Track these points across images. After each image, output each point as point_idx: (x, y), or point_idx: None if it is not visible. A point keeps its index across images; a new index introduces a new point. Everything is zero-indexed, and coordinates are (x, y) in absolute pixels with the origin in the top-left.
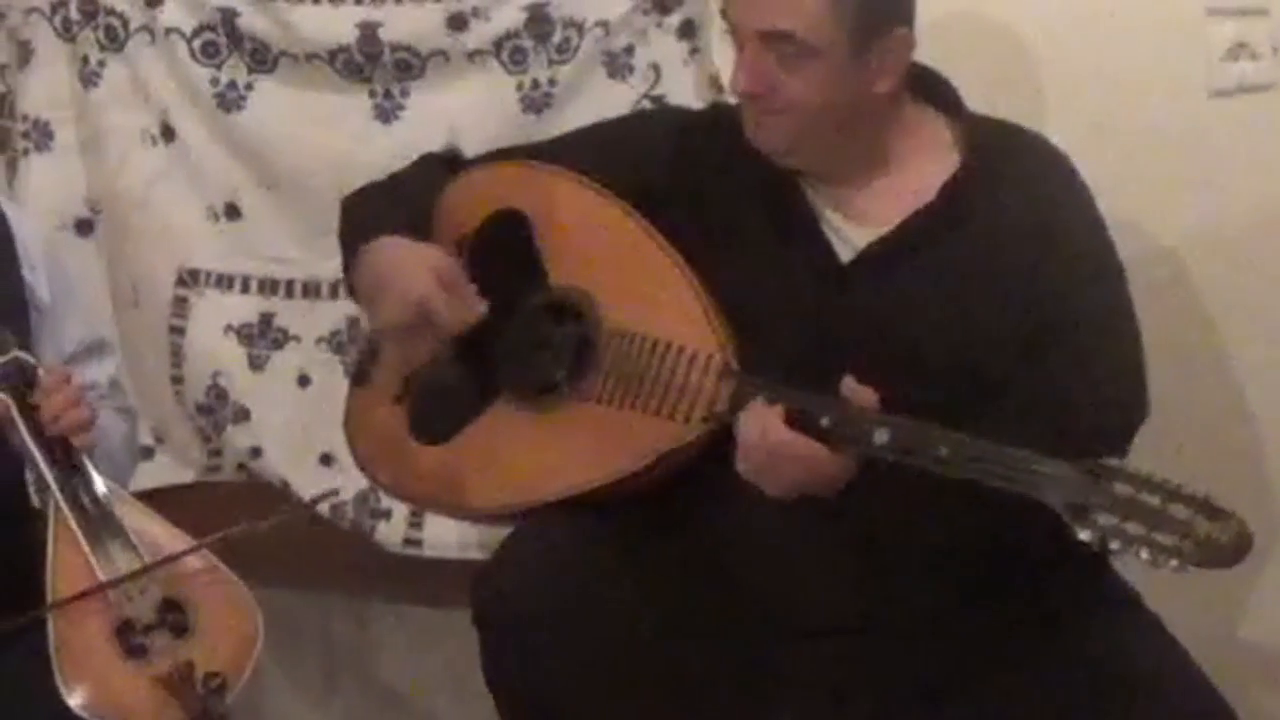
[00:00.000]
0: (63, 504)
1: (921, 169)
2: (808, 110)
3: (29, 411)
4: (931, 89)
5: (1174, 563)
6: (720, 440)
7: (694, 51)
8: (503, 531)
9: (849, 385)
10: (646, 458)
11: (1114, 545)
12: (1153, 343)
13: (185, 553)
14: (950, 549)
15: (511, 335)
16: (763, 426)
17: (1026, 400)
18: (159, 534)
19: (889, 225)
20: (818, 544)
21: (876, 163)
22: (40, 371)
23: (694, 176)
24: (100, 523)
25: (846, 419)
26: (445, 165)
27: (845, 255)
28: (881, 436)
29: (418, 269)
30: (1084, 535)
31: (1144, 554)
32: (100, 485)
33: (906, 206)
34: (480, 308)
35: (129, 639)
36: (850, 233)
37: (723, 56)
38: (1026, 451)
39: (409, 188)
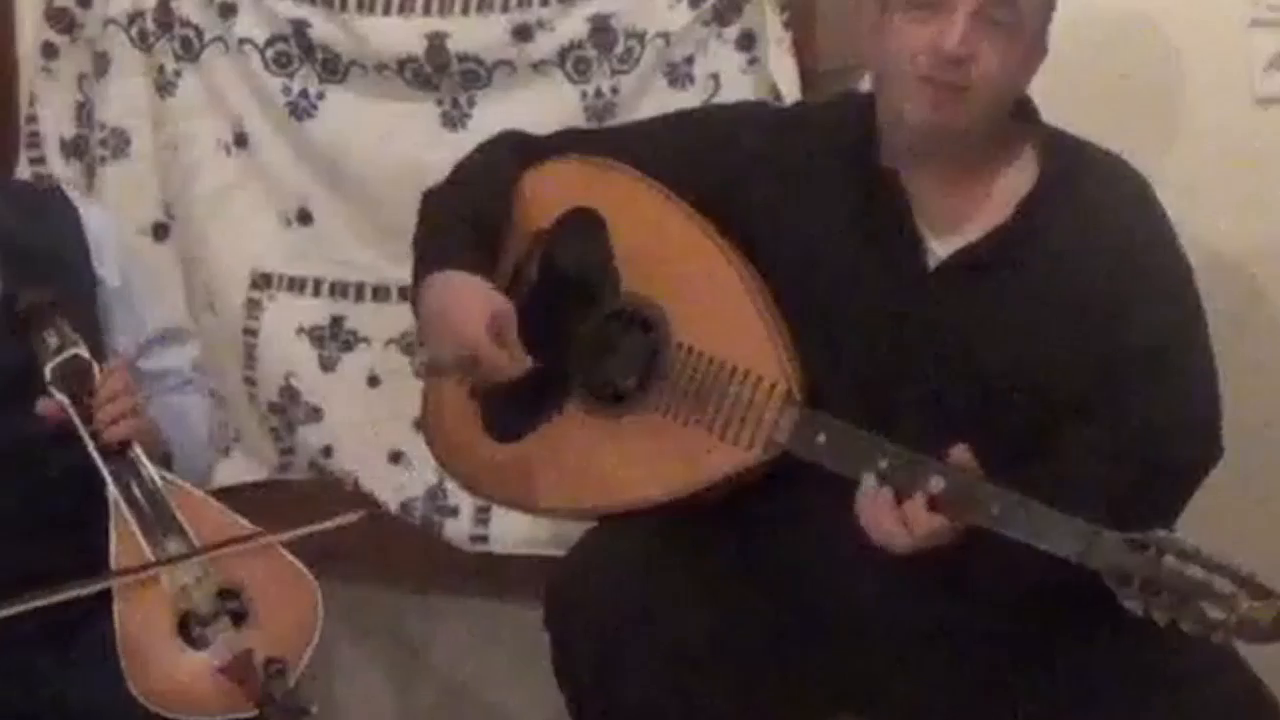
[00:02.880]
0: (119, 498)
1: (1000, 183)
2: (993, 87)
3: (85, 409)
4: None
5: (1216, 635)
6: (785, 459)
7: (752, 62)
8: (569, 527)
9: (959, 453)
10: (707, 479)
11: (1157, 615)
12: None
13: (235, 540)
14: (1009, 560)
15: (584, 338)
16: (904, 519)
17: (1100, 436)
18: (217, 523)
19: (965, 237)
20: (881, 555)
21: (971, 170)
22: (96, 368)
23: (780, 174)
24: (155, 516)
25: (901, 465)
26: (523, 152)
27: (930, 263)
28: (935, 486)
29: (477, 314)
30: (1127, 604)
31: (1186, 625)
32: (155, 478)
33: (981, 220)
34: (524, 364)
35: (190, 631)
36: (931, 242)
37: (779, 67)
38: (1076, 519)
39: (485, 190)
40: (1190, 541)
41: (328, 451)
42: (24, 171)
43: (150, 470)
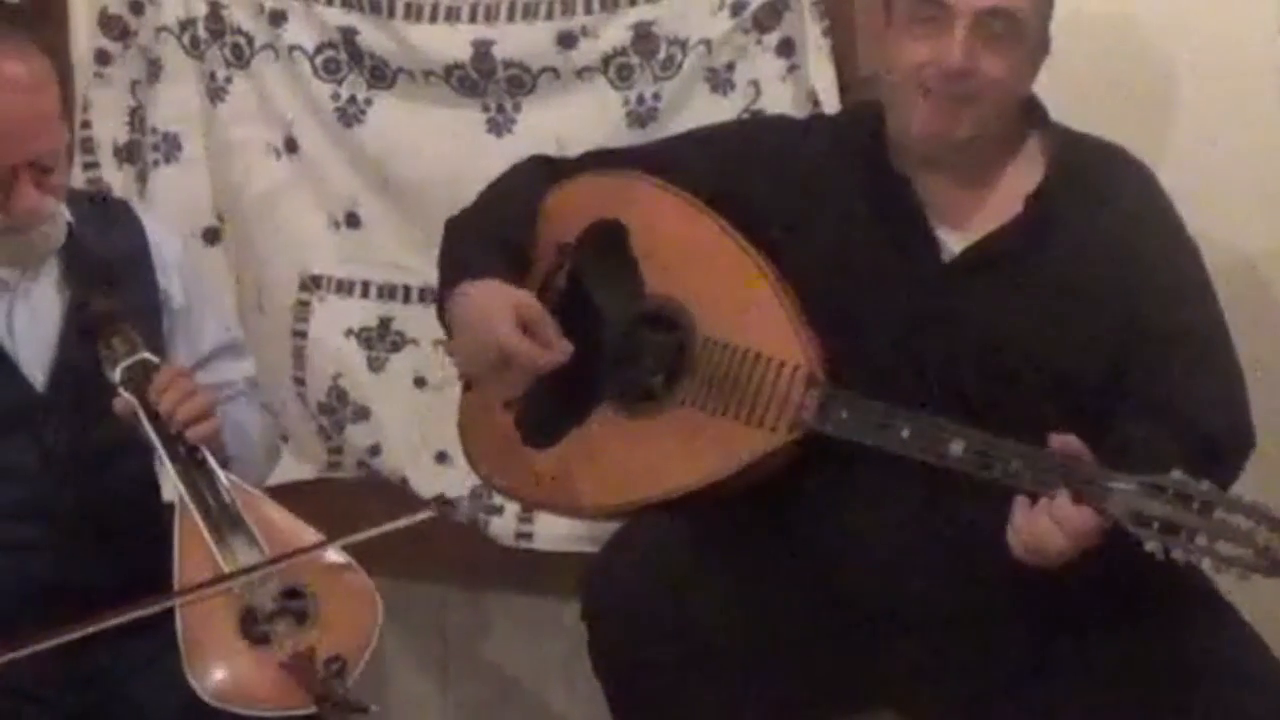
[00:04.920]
0: (187, 498)
1: (1009, 179)
2: (998, 94)
3: (153, 410)
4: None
5: (1235, 571)
6: (811, 444)
7: (792, 68)
8: (610, 526)
9: (1060, 440)
10: (737, 464)
11: (1176, 554)
12: None
13: (310, 549)
14: None
15: (611, 342)
16: (1062, 522)
17: (1131, 432)
18: (283, 526)
19: (977, 232)
20: (910, 541)
21: (980, 168)
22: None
23: (797, 181)
24: (223, 517)
25: (922, 432)
26: (548, 172)
27: (945, 259)
28: (956, 449)
29: (501, 313)
30: (1148, 546)
31: (1206, 563)
32: (224, 480)
33: (992, 216)
34: (564, 349)
35: (253, 627)
36: (944, 239)
37: (819, 73)
38: (1092, 465)
39: (508, 209)
40: (1204, 482)
41: (375, 451)
42: (78, 177)
43: (219, 471)
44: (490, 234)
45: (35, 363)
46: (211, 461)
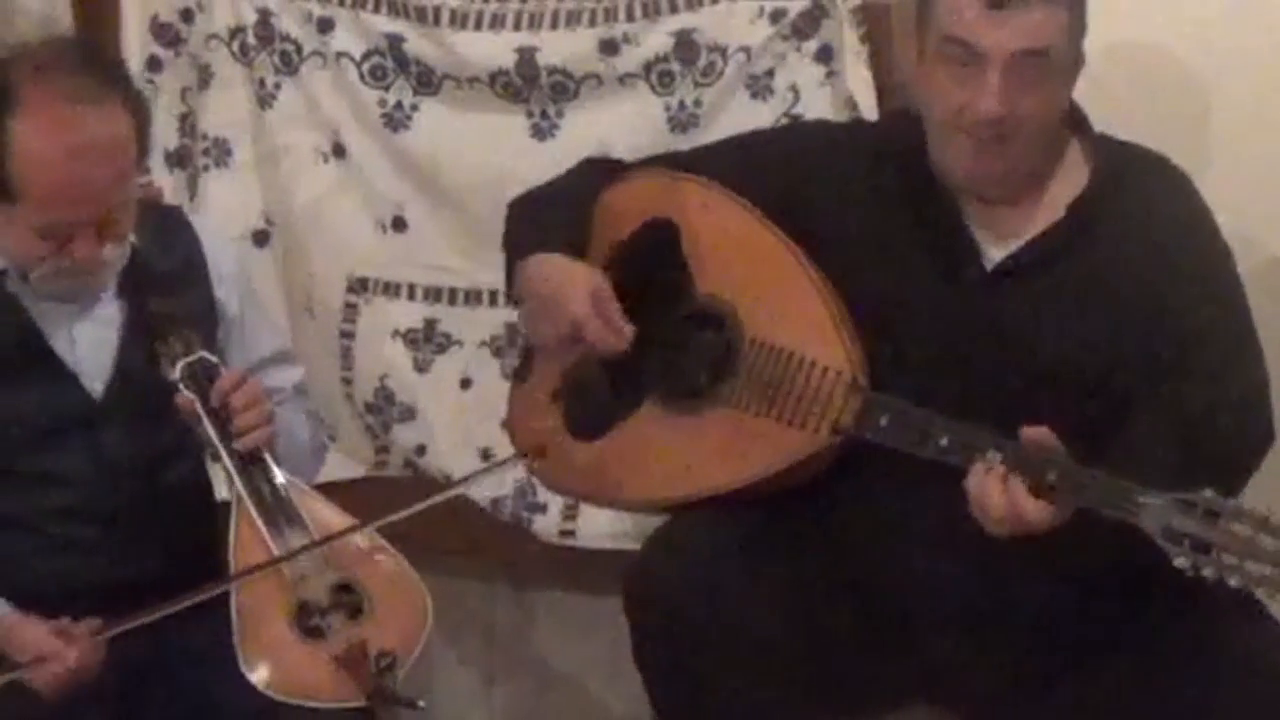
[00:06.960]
0: (244, 494)
1: (1053, 187)
2: (1035, 127)
3: (212, 408)
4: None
5: (1263, 590)
6: (852, 446)
7: (830, 74)
8: (654, 521)
9: (1030, 433)
10: (778, 465)
11: (1207, 572)
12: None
13: (351, 529)
14: (1068, 548)
15: (660, 339)
16: (1010, 501)
17: (1153, 426)
18: (335, 522)
19: (1019, 240)
20: (947, 542)
21: (1025, 179)
22: (222, 370)
23: (838, 186)
24: (278, 511)
25: (960, 441)
26: (603, 171)
27: (986, 267)
28: (994, 458)
29: (575, 290)
30: (1178, 562)
31: (1234, 580)
32: (279, 476)
33: (1035, 222)
34: (628, 334)
35: (306, 621)
36: (986, 247)
37: (856, 79)
38: (1127, 481)
39: (569, 196)
40: (1234, 501)
41: (421, 450)
42: None
43: (276, 469)
44: (554, 215)
45: (94, 372)
46: (267, 457)
